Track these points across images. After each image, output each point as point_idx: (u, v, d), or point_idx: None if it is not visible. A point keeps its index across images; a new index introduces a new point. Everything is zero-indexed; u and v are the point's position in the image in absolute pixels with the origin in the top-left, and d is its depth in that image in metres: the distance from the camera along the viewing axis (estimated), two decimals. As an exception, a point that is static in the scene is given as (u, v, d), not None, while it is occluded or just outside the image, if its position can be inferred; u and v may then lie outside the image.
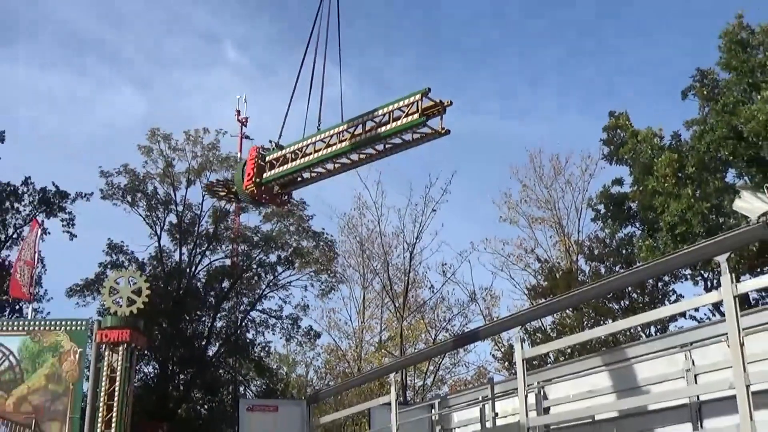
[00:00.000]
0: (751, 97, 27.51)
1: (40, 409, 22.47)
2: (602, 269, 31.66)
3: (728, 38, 29.01)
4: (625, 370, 12.68)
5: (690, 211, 26.47)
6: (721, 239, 10.47)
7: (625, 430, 12.40)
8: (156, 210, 39.33)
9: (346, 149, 14.45)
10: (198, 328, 39.48)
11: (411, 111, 13.31)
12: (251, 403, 22.97)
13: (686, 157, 28.13)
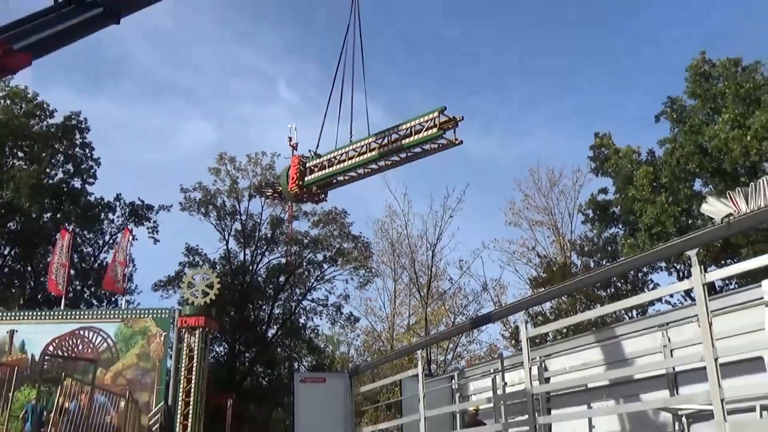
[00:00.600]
0: (713, 119, 27.50)
1: (132, 382, 22.70)
2: (591, 263, 31.55)
3: (693, 71, 29.02)
4: (612, 346, 12.59)
5: (664, 215, 26.39)
6: (691, 237, 10.39)
7: (613, 395, 12.30)
8: (224, 219, 39.63)
9: (375, 157, 14.54)
10: (259, 315, 39.62)
11: (430, 125, 13.46)
12: (304, 376, 22.96)
13: (660, 169, 28.02)
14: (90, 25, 10.59)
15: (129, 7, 11.15)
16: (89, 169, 38.72)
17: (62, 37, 10.27)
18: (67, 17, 10.22)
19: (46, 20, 10.09)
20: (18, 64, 9.71)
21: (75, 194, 37.73)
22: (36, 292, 35.79)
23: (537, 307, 28.60)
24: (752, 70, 27.96)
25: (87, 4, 10.41)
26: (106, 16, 10.73)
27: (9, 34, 9.58)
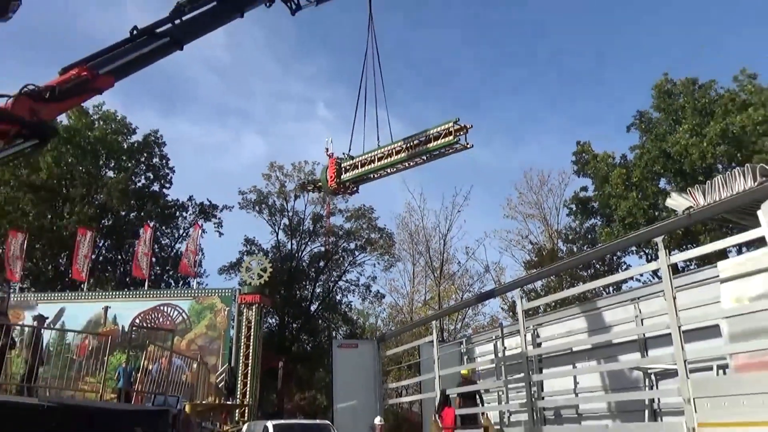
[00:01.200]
0: (674, 129, 27.26)
1: (203, 348, 22.98)
2: (574, 249, 31.33)
3: (658, 89, 28.82)
4: (592, 316, 12.50)
5: (635, 208, 26.24)
6: (657, 226, 10.30)
7: (594, 357, 12.23)
8: (274, 216, 39.88)
9: (404, 158, 14.62)
10: (303, 293, 39.83)
11: (447, 133, 13.59)
12: (340, 342, 23.08)
13: (631, 171, 27.79)
14: (159, 52, 10.69)
15: (190, 36, 11.22)
16: (166, 176, 39.18)
17: (137, 63, 10.38)
18: (140, 46, 10.33)
19: (124, 49, 10.21)
20: (103, 85, 9.80)
21: (155, 196, 38.17)
22: (125, 276, 36.24)
23: (530, 285, 28.44)
24: (707, 87, 27.76)
25: (156, 35, 10.52)
26: (172, 44, 10.82)
27: (95, 61, 9.70)
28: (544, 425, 11.30)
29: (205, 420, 16.89)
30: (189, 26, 11.04)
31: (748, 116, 24.14)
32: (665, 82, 28.71)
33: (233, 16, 11.95)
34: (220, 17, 11.71)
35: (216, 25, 11.76)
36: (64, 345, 18.36)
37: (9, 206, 32.77)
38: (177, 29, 10.80)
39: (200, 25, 11.33)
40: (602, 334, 11.85)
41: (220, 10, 11.56)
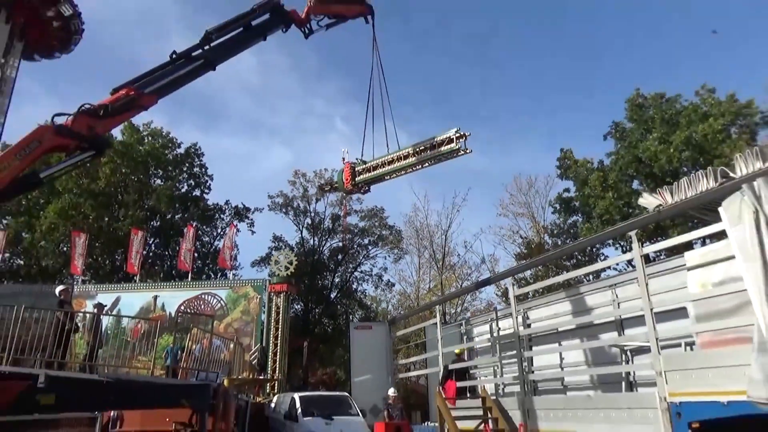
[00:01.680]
0: (645, 137, 27.01)
1: (238, 331, 23.05)
2: (558, 242, 31.17)
3: (631, 102, 28.62)
4: (575, 300, 12.41)
5: (611, 206, 26.09)
6: (631, 222, 10.25)
7: (577, 336, 12.15)
8: (299, 216, 39.94)
9: (412, 163, 14.73)
10: (324, 283, 39.85)
11: (449, 140, 13.68)
12: (357, 325, 23.06)
13: (608, 174, 27.58)
14: (195, 73, 10.82)
15: (221, 58, 11.35)
16: (205, 182, 39.28)
17: (177, 83, 10.49)
18: (179, 68, 10.46)
19: (165, 71, 10.33)
20: (148, 103, 9.93)
21: (196, 201, 38.32)
22: (171, 269, 36.42)
23: (521, 274, 28.31)
24: (673, 101, 27.59)
25: (192, 58, 10.62)
26: (206, 66, 10.95)
27: (141, 82, 9.81)
28: (534, 395, 11.22)
29: (241, 392, 16.93)
30: (219, 50, 11.15)
31: (709, 125, 24.07)
32: (637, 96, 28.53)
33: (257, 40, 12.01)
34: (246, 41, 11.79)
35: (243, 47, 11.84)
36: (120, 329, 18.49)
37: (73, 211, 33.02)
38: (210, 52, 10.91)
39: (229, 49, 11.43)
40: (584, 315, 11.78)
41: (245, 36, 11.63)
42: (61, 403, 8.51)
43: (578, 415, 9.20)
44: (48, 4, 19.99)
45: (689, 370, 7.22)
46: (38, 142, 8.40)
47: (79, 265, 27.54)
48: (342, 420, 14.63)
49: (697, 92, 26.80)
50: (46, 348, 10.34)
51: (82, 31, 21.91)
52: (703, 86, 26.62)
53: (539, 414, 10.17)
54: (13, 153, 8.17)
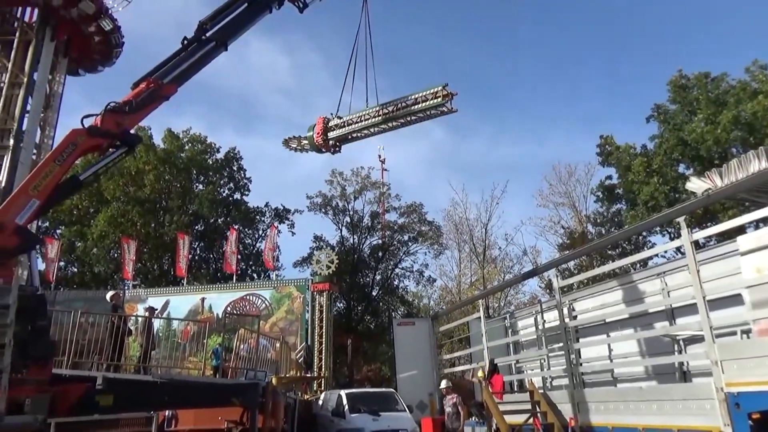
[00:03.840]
0: (690, 118, 26.10)
1: (283, 330, 23.42)
2: (602, 231, 30.48)
3: (673, 83, 27.67)
4: (622, 290, 12.11)
5: (656, 192, 25.35)
6: (679, 207, 9.94)
7: (625, 326, 11.85)
8: (338, 215, 40.17)
9: (380, 121, 14.14)
10: (365, 280, 40.02)
11: (436, 96, 13.22)
12: (399, 321, 23.07)
13: (652, 158, 26.79)
14: (209, 55, 11.00)
15: (231, 37, 11.49)
16: (245, 185, 40.09)
17: (192, 68, 10.69)
18: (192, 53, 10.66)
19: (180, 58, 10.54)
20: (169, 92, 10.15)
21: (237, 204, 39.10)
22: (216, 272, 37.29)
23: (564, 265, 27.80)
24: (719, 80, 26.52)
25: (204, 41, 10.82)
26: (218, 46, 11.12)
27: (158, 73, 10.05)
28: (584, 388, 11.02)
29: (289, 390, 17.22)
30: (228, 29, 11.32)
31: (759, 103, 23.07)
32: (680, 77, 27.58)
33: (263, 13, 12.08)
34: (251, 16, 11.83)
35: (250, 23, 11.94)
36: (170, 331, 19.13)
37: (121, 218, 34.21)
38: (219, 33, 11.08)
39: (236, 26, 11.59)
40: (632, 305, 11.48)
41: (249, 11, 11.71)
42: (119, 404, 8.84)
43: (630, 408, 9.00)
44: (89, 20, 20.75)
45: (747, 358, 6.96)
46: (74, 145, 8.71)
47: (129, 270, 28.52)
48: (389, 416, 14.70)
49: (747, 69, 25.63)
50: (102, 351, 10.78)
51: (122, 44, 22.68)
52: (755, 62, 25.46)
53: (590, 407, 9.99)
54: (51, 159, 8.51)
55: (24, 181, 8.44)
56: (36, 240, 9.29)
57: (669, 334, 10.24)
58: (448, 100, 13.24)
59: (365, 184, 39.81)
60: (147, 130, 37.01)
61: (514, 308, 29.54)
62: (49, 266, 28.47)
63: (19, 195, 8.11)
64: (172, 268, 32.91)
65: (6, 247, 7.69)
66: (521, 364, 15.97)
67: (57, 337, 9.76)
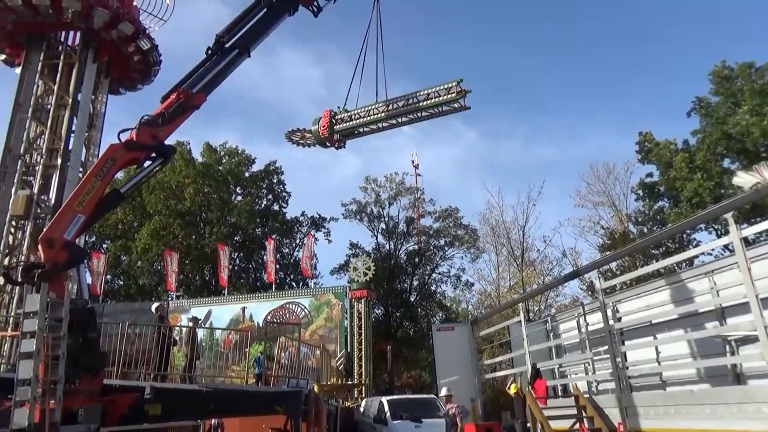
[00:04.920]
0: (734, 111, 25.19)
1: (323, 337, 23.56)
2: (645, 230, 29.63)
3: (715, 74, 26.76)
4: (669, 291, 11.74)
5: (701, 188, 24.52)
6: (727, 203, 9.58)
7: (673, 328, 11.48)
8: (373, 222, 40.34)
9: (401, 112, 13.77)
10: (403, 286, 39.98)
11: (449, 91, 12.92)
12: (439, 326, 22.91)
13: (694, 153, 25.97)
14: (233, 63, 11.14)
15: (253, 43, 11.60)
16: (284, 197, 40.69)
17: (219, 76, 10.86)
18: (218, 62, 10.82)
19: (206, 68, 10.72)
20: (198, 101, 10.32)
21: (275, 215, 39.71)
22: (256, 281, 37.91)
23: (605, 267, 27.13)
24: (765, 69, 25.46)
25: (227, 50, 11.00)
26: (242, 53, 11.27)
27: (186, 84, 10.25)
28: (631, 392, 10.71)
29: (330, 398, 17.29)
30: (248, 36, 11.46)
31: (808, 92, 22.11)
32: (722, 68, 26.65)
33: (283, 16, 12.18)
34: (269, 24, 11.94)
35: (268, 30, 12.02)
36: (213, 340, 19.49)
37: (163, 231, 35.15)
38: (240, 40, 11.24)
39: (258, 32, 11.71)
40: (680, 306, 11.11)
41: (266, 22, 11.82)
42: (167, 413, 9.02)
43: (682, 412, 8.70)
44: (128, 41, 21.52)
45: (806, 359, 6.65)
46: (113, 160, 8.96)
47: (172, 281, 29.23)
48: (431, 422, 14.55)
49: (793, 57, 24.69)
50: (149, 361, 11.07)
51: (159, 61, 23.42)
52: (801, 49, 24.50)
53: (639, 411, 9.70)
54: (93, 175, 8.77)
55: (69, 198, 8.73)
56: (84, 254, 9.56)
57: (720, 335, 9.87)
58: (461, 96, 13.02)
59: (399, 190, 39.86)
60: (186, 144, 38.02)
61: (555, 311, 28.99)
62: (97, 279, 29.43)
63: (66, 211, 8.39)
64: (213, 278, 33.61)
65: (56, 262, 7.95)
66: (564, 368, 15.63)
67: (106, 349, 10.06)
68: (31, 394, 6.80)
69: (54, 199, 18.64)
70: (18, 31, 20.51)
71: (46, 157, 19.32)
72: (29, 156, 19.68)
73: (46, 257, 7.97)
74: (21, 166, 19.31)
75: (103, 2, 20.20)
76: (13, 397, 6.91)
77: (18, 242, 18.74)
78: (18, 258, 17.85)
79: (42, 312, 7.24)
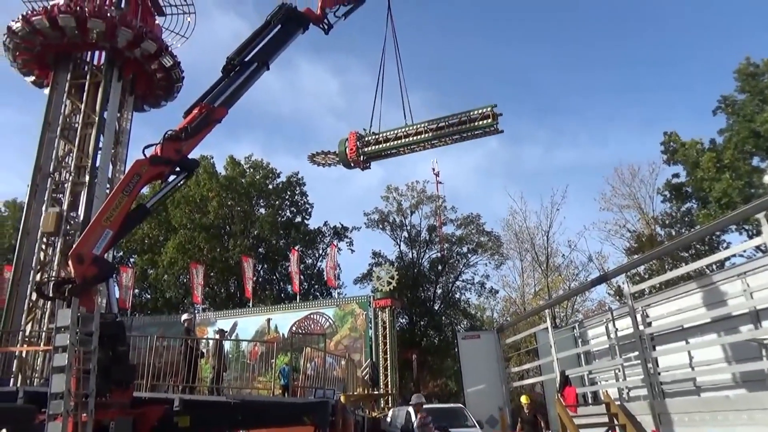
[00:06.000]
0: (762, 108, 24.63)
1: (348, 347, 23.53)
2: (673, 232, 29.06)
3: (740, 72, 26.23)
4: (700, 294, 11.44)
5: (729, 188, 23.96)
6: (758, 203, 9.32)
7: (706, 332, 11.17)
8: (395, 230, 40.41)
9: (436, 136, 13.77)
10: (427, 294, 39.84)
11: (485, 116, 13.03)
12: (464, 334, 22.68)
13: (722, 153, 25.43)
14: (253, 76, 11.27)
15: (271, 56, 11.69)
16: (306, 209, 40.96)
17: (239, 89, 11.01)
18: (237, 76, 10.95)
19: (226, 82, 10.86)
20: (220, 115, 10.50)
21: (298, 226, 39.98)
22: (280, 292, 38.13)
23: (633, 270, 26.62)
24: (792, 65, 25.00)
25: (246, 63, 11.14)
26: (261, 67, 11.39)
27: (208, 98, 10.41)
28: (664, 398, 10.45)
29: (357, 408, 17.24)
30: (268, 50, 11.59)
31: (839, 87, 21.53)
32: (747, 65, 26.13)
33: (297, 31, 12.28)
34: (281, 42, 12.03)
35: (287, 42, 12.10)
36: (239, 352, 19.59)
37: (189, 244, 35.63)
38: (259, 54, 11.38)
39: (275, 47, 11.82)
40: (712, 309, 10.81)
41: (279, 39, 11.91)
42: (196, 425, 9.11)
43: (718, 418, 8.44)
44: (151, 59, 21.99)
45: None
46: (138, 175, 9.15)
47: (198, 294, 29.57)
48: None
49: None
50: (177, 374, 11.18)
51: (182, 78, 23.87)
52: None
53: (673, 418, 9.44)
54: (120, 191, 8.94)
55: (97, 214, 8.91)
56: (112, 269, 9.74)
57: (756, 338, 9.58)
58: (495, 121, 13.13)
59: (421, 198, 39.87)
60: (209, 158, 38.56)
61: (582, 317, 28.53)
62: (124, 294, 29.92)
63: (94, 227, 8.57)
64: (238, 290, 33.86)
65: (86, 277, 8.11)
66: (594, 374, 15.33)
67: (135, 362, 10.20)
68: (64, 407, 6.93)
69: (83, 215, 19.06)
70: (46, 52, 21.13)
71: (74, 174, 19.79)
72: (58, 174, 20.19)
73: (77, 272, 8.13)
74: (51, 183, 19.81)
75: (127, 22, 20.70)
76: (46, 411, 7.04)
77: (49, 258, 19.17)
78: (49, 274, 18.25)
79: (73, 326, 7.38)
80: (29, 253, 19.09)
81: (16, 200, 38.90)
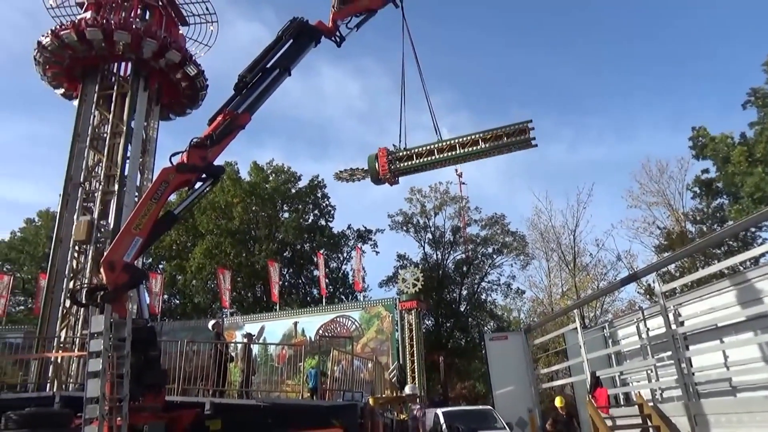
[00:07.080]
0: (795, 99, 23.98)
1: (375, 350, 23.52)
2: (704, 229, 28.38)
3: (771, 64, 25.53)
4: (734, 292, 11.14)
5: (762, 182, 23.34)
6: (793, 197, 9.06)
7: (741, 331, 10.88)
8: (419, 232, 40.25)
9: (472, 152, 13.59)
10: (452, 296, 39.63)
11: (522, 130, 13.03)
12: (492, 336, 22.47)
13: (753, 146, 24.77)
14: (275, 82, 11.34)
15: (293, 62, 11.72)
16: (329, 212, 41.12)
17: (262, 95, 11.09)
18: (259, 83, 11.04)
19: (248, 89, 10.96)
20: (244, 121, 10.59)
21: (322, 229, 40.12)
22: (306, 296, 38.35)
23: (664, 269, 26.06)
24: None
25: (268, 69, 11.21)
26: (283, 73, 11.45)
27: (231, 105, 10.53)
28: (699, 399, 10.21)
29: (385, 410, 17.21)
30: (288, 57, 11.63)
31: None
32: (777, 56, 25.45)
33: (307, 50, 12.28)
34: (296, 53, 12.02)
35: (298, 58, 12.08)
36: (267, 355, 19.75)
37: (215, 250, 36.10)
38: (281, 60, 11.45)
39: (294, 55, 11.84)
40: (748, 307, 10.52)
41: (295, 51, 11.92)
42: (227, 428, 9.21)
43: (756, 419, 8.22)
44: (176, 68, 22.41)
45: None
46: (166, 183, 9.29)
47: (226, 299, 29.92)
48: (488, 434, 14.33)
49: None
50: (207, 377, 11.33)
51: (206, 86, 24.26)
52: None
53: (710, 419, 9.22)
54: (148, 198, 9.10)
55: (127, 221, 9.08)
56: (143, 275, 9.90)
57: (795, 337, 9.31)
58: (530, 136, 13.16)
59: (444, 200, 39.71)
60: (234, 164, 39.03)
61: (612, 317, 28.05)
62: (154, 299, 30.43)
63: (124, 234, 8.74)
64: (265, 294, 34.13)
65: (118, 283, 8.28)
66: (625, 375, 15.06)
67: (166, 366, 10.36)
68: (99, 411, 7.07)
69: (113, 223, 19.49)
70: (74, 65, 21.70)
71: (104, 183, 20.26)
72: (88, 183, 20.70)
73: (108, 279, 8.30)
74: (81, 193, 20.32)
75: (152, 33, 21.13)
76: (82, 415, 7.19)
77: (81, 266, 19.64)
78: (82, 281, 18.68)
79: (106, 332, 7.54)
80: (62, 261, 19.60)
81: (49, 210, 40.03)
